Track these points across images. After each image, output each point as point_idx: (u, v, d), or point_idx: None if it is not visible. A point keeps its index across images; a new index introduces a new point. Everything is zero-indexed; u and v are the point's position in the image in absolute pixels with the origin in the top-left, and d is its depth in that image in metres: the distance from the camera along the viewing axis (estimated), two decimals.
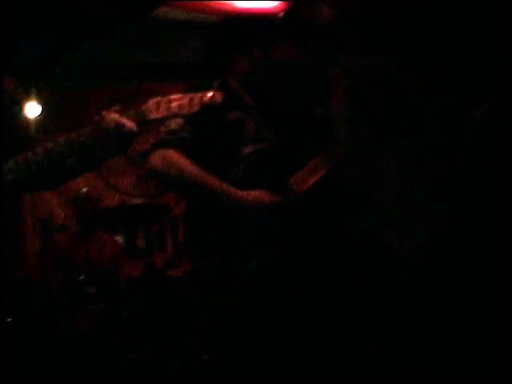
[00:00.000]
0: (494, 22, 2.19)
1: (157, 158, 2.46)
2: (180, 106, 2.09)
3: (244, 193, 2.39)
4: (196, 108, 2.09)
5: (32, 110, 4.66)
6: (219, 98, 2.11)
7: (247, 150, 2.48)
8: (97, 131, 2.08)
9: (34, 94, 4.70)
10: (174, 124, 2.39)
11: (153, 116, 2.08)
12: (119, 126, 2.05)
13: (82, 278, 3.85)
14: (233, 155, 2.48)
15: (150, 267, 3.99)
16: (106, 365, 3.84)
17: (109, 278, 4.08)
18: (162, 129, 2.44)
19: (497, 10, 2.16)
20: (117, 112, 2.09)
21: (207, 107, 2.10)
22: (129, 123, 2.06)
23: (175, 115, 2.12)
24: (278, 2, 3.40)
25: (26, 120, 2.46)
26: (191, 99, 2.09)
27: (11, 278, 2.41)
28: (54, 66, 5.37)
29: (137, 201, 5.29)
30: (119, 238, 4.82)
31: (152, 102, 2.09)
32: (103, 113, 2.09)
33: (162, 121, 2.18)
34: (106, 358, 3.85)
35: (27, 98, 2.48)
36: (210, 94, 2.11)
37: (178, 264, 4.69)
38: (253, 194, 2.39)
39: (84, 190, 4.71)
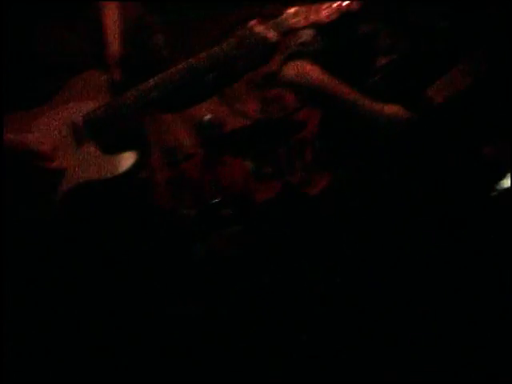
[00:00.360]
0: None
1: (291, 70, 2.53)
2: (318, 15, 2.08)
3: (380, 105, 2.42)
4: (334, 16, 2.08)
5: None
6: (356, 6, 2.08)
7: (382, 61, 2.49)
8: (240, 44, 2.09)
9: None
10: (305, 36, 2.41)
11: (292, 25, 2.08)
12: (263, 37, 2.06)
13: (216, 200, 3.75)
14: (367, 67, 2.49)
15: (286, 187, 3.84)
16: (241, 288, 3.78)
17: (243, 201, 3.98)
18: (293, 42, 2.51)
19: None
20: (256, 24, 2.10)
21: (344, 16, 2.08)
22: (272, 34, 2.06)
23: (314, 24, 2.10)
24: None
25: (160, 42, 2.42)
26: (328, 7, 2.08)
27: (146, 208, 2.35)
28: None
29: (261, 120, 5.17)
30: (247, 163, 4.74)
31: (290, 12, 2.10)
32: (246, 25, 2.12)
33: (300, 30, 2.19)
34: (241, 282, 3.80)
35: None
36: (348, 1, 2.08)
37: (311, 183, 4.59)
38: (388, 108, 2.41)
39: (208, 116, 4.65)
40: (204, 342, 3.33)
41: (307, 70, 2.47)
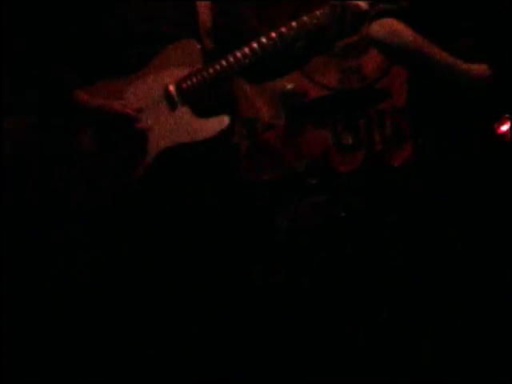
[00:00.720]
0: None
1: (379, 28, 2.39)
2: None
3: (467, 65, 2.30)
4: None
5: None
6: None
7: (469, 22, 2.34)
8: (332, 12, 2.10)
9: None
10: None
11: None
12: (354, 6, 2.09)
13: (301, 169, 3.74)
14: (453, 27, 2.36)
15: (369, 157, 3.79)
16: (323, 259, 3.77)
17: (326, 170, 3.95)
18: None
19: None
20: None
21: None
22: (363, 4, 2.11)
23: None
24: None
25: (247, 12, 2.45)
26: None
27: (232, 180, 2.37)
28: None
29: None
30: (327, 133, 4.71)
31: None
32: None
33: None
34: (324, 252, 3.78)
35: None
36: None
37: (392, 154, 4.54)
38: (476, 67, 2.29)
39: (290, 86, 4.64)
40: (286, 314, 3.36)
41: (397, 28, 2.40)
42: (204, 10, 2.26)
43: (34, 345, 2.51)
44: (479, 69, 2.30)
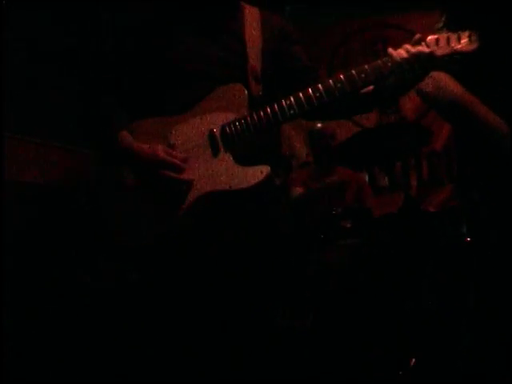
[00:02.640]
0: None
1: (428, 81, 2.38)
2: (459, 44, 2.05)
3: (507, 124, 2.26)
4: (475, 46, 2.05)
5: None
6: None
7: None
8: (378, 68, 2.06)
9: None
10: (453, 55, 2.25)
11: (433, 53, 2.06)
12: (428, 57, 2.05)
13: (337, 211, 3.70)
14: (504, 86, 2.33)
15: (408, 201, 3.73)
16: (352, 301, 3.71)
17: (362, 212, 3.91)
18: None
19: None
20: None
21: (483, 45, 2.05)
22: (424, 49, 2.05)
23: (454, 53, 2.06)
24: None
25: (298, 53, 2.41)
26: (470, 37, 2.05)
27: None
28: (285, 2, 5.35)
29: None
30: (363, 175, 4.67)
31: (430, 39, 2.06)
32: (390, 50, 2.08)
33: (442, 58, 2.10)
34: (352, 295, 3.73)
35: None
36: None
37: (428, 198, 4.49)
38: None
39: (318, 125, 4.62)
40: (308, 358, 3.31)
41: (445, 84, 2.37)
42: (254, 53, 2.24)
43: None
44: None
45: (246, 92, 2.14)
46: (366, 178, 4.72)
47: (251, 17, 2.31)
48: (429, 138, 4.24)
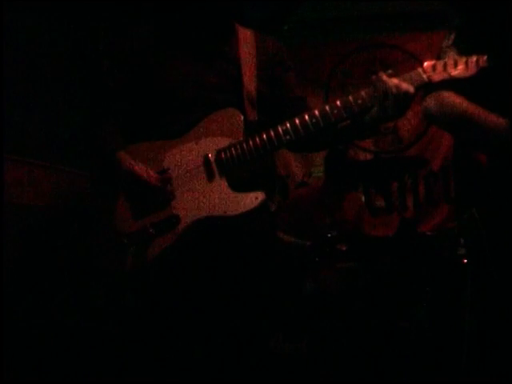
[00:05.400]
0: None
1: (431, 100, 2.36)
2: (456, 70, 2.03)
3: None
4: (472, 72, 2.02)
5: None
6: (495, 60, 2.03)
7: None
8: (375, 94, 2.03)
9: None
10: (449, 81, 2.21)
11: (429, 79, 2.03)
12: (400, 90, 1.99)
13: (332, 234, 3.67)
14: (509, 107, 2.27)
15: (404, 224, 3.71)
16: (347, 325, 3.68)
17: (358, 236, 3.89)
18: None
19: None
20: (391, 75, 2.03)
21: (483, 70, 2.02)
22: (409, 88, 2.00)
23: (451, 79, 2.03)
24: None
25: (292, 80, 2.40)
26: (467, 62, 2.02)
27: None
28: (283, 21, 5.35)
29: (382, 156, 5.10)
30: (360, 195, 4.65)
31: (427, 65, 2.04)
32: (380, 75, 2.03)
33: (438, 85, 2.08)
34: (348, 320, 3.70)
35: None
36: (485, 57, 2.02)
37: (424, 221, 4.47)
38: None
39: None
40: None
41: (449, 101, 2.33)
42: (250, 78, 2.23)
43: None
44: None
45: (242, 117, 2.13)
46: (363, 199, 4.70)
47: (246, 39, 2.31)
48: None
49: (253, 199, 2.07)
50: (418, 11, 5.36)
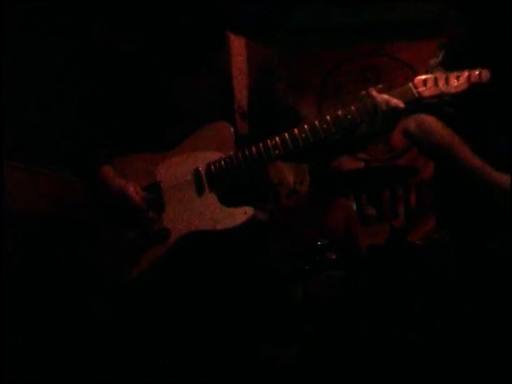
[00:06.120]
0: None
1: (414, 124, 2.40)
2: (448, 85, 2.03)
3: (498, 174, 2.26)
4: (464, 87, 2.02)
5: None
6: (487, 76, 2.02)
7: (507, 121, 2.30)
8: (364, 109, 2.04)
9: None
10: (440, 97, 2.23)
11: (420, 95, 2.03)
12: (389, 106, 1.99)
13: (322, 242, 3.70)
14: (495, 126, 2.35)
15: (394, 233, 3.74)
16: (338, 333, 3.71)
17: (348, 244, 3.92)
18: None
19: None
20: (381, 91, 2.04)
21: (474, 87, 2.02)
22: (399, 103, 2.00)
23: (442, 94, 2.03)
24: None
25: (281, 91, 2.40)
26: (458, 78, 2.02)
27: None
28: (277, 28, 5.37)
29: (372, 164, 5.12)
30: (351, 204, 4.67)
31: (417, 80, 2.04)
32: (370, 91, 2.04)
33: (429, 100, 2.08)
34: (339, 327, 3.72)
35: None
36: (477, 72, 2.02)
37: (414, 230, 4.49)
38: (506, 179, 2.24)
39: None
40: None
41: (432, 128, 2.38)
42: (241, 90, 2.24)
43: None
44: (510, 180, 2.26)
45: (232, 130, 2.15)
46: (354, 207, 4.72)
47: (238, 49, 2.31)
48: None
49: (242, 214, 2.09)
50: (411, 20, 5.39)
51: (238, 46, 2.33)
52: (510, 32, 2.32)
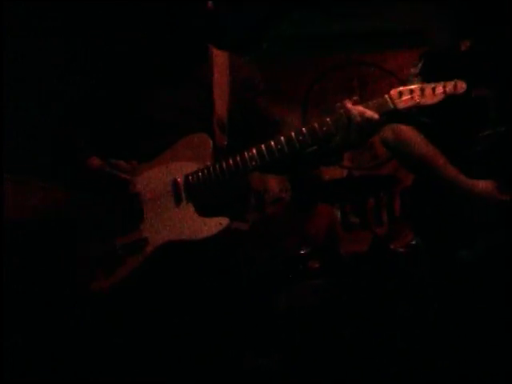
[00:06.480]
0: None
1: (390, 133, 2.46)
2: (423, 97, 2.03)
3: (472, 182, 2.33)
4: (439, 98, 2.03)
5: None
6: (462, 87, 2.03)
7: (486, 131, 2.39)
8: (339, 121, 2.04)
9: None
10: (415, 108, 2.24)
11: (395, 106, 2.04)
12: (364, 118, 2.00)
13: (305, 251, 3.73)
14: (471, 135, 2.40)
15: (376, 240, 3.77)
16: (320, 341, 3.73)
17: (331, 252, 3.94)
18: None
19: None
20: (356, 102, 2.04)
21: (449, 98, 2.03)
22: (373, 115, 2.01)
23: (418, 106, 2.04)
24: None
25: (268, 105, 2.42)
26: (434, 89, 2.03)
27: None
28: (262, 37, 5.40)
29: (354, 173, 5.15)
30: (335, 211, 4.71)
31: (393, 92, 2.04)
32: (345, 103, 2.05)
33: (404, 111, 2.09)
34: (322, 335, 3.74)
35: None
36: (452, 83, 2.04)
37: (397, 238, 4.52)
38: (482, 186, 2.33)
39: None
40: None
41: (407, 137, 2.42)
42: (221, 103, 2.27)
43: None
44: (485, 186, 2.30)
45: (211, 142, 2.17)
46: (339, 215, 4.76)
47: (220, 62, 2.34)
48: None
49: (217, 224, 2.11)
50: (397, 29, 5.44)
51: (220, 59, 2.35)
52: (492, 42, 2.38)
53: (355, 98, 2.09)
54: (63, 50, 3.14)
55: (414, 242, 3.57)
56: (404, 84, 2.15)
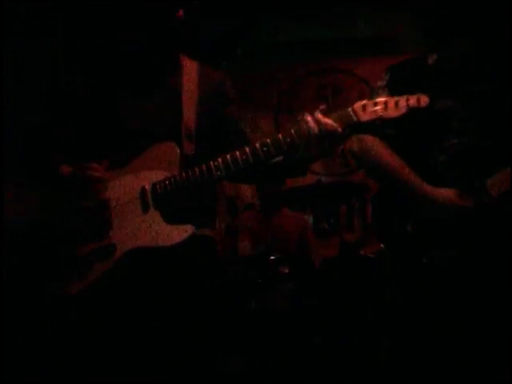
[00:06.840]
0: None
1: (356, 143, 2.51)
2: (386, 110, 2.05)
3: (435, 190, 2.38)
4: (402, 111, 2.06)
5: None
6: (425, 101, 2.06)
7: (451, 142, 2.43)
8: (300, 132, 2.06)
9: None
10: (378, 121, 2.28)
11: (358, 119, 2.06)
12: (324, 129, 2.02)
13: (274, 257, 3.77)
14: (435, 145, 2.45)
15: (345, 246, 3.82)
16: (291, 346, 3.76)
17: (300, 257, 3.98)
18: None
19: None
20: (321, 113, 2.05)
21: (413, 110, 2.06)
22: (336, 127, 2.03)
23: (381, 119, 2.06)
24: None
25: (238, 115, 2.44)
26: (397, 103, 2.05)
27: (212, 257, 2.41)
28: (236, 46, 5.42)
29: (325, 179, 5.19)
30: (307, 217, 4.74)
31: (357, 105, 2.06)
32: (304, 115, 2.07)
33: (367, 124, 2.11)
34: (293, 339, 3.77)
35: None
36: (415, 97, 2.06)
37: (368, 244, 4.56)
38: (444, 193, 2.37)
39: None
40: None
41: (373, 148, 2.46)
42: (189, 112, 2.29)
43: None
44: (447, 194, 2.35)
45: (178, 150, 2.20)
46: (311, 220, 4.79)
47: (190, 72, 2.36)
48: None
49: (182, 232, 2.15)
50: (370, 36, 5.50)
51: (189, 68, 2.37)
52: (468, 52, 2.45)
53: (322, 107, 2.11)
54: (34, 54, 3.14)
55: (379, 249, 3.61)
56: (368, 98, 2.16)
